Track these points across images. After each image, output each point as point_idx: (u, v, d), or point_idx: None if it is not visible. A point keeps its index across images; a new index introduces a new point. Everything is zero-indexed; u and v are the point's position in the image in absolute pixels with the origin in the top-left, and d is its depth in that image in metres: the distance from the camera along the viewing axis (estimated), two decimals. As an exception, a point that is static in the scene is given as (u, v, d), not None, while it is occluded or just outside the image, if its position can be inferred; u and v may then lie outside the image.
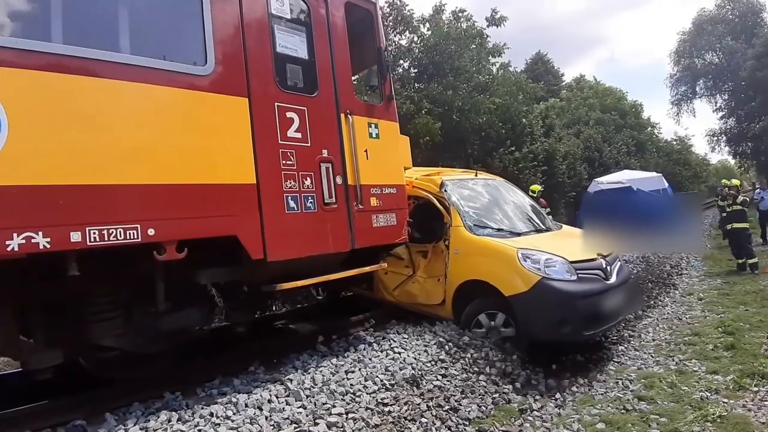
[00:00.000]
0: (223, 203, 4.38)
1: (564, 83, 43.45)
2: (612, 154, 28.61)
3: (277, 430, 3.77)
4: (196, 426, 3.74)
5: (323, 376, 4.71)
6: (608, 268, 6.07)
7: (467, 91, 21.43)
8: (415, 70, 23.01)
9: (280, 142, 4.83)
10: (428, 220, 6.63)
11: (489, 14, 21.83)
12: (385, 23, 21.89)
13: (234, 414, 3.95)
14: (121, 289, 4.45)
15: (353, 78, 6.12)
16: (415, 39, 22.22)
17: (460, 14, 21.81)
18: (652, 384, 5.45)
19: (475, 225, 6.23)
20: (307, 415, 3.99)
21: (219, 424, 3.75)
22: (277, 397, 4.26)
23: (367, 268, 5.52)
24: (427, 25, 21.66)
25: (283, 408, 4.08)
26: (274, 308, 8.19)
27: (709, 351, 6.38)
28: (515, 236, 6.26)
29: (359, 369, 4.90)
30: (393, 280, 6.80)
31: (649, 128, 42.05)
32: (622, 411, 4.89)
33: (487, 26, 21.75)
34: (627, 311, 6.41)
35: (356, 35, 5.84)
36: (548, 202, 17.49)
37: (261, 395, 4.25)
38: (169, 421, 3.83)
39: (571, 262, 5.76)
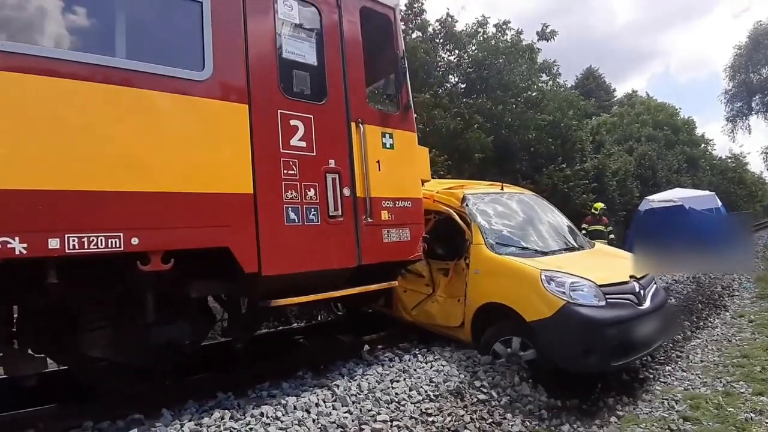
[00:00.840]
0: (215, 213, 4.05)
1: (615, 99, 41.67)
2: (665, 171, 27.03)
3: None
4: (247, 424, 3.80)
5: (369, 383, 4.70)
6: (641, 292, 5.36)
7: (517, 107, 20.82)
8: (464, 85, 22.59)
9: (281, 150, 4.48)
10: (450, 237, 6.12)
11: (540, 29, 21.16)
12: (436, 41, 21.64)
13: (283, 415, 4.00)
14: (108, 299, 4.19)
15: (370, 86, 5.75)
16: (463, 54, 21.82)
17: (503, 26, 21.22)
18: (698, 405, 5.15)
19: (497, 243, 5.65)
20: (353, 420, 4.02)
21: (269, 424, 3.82)
22: (324, 402, 4.29)
23: (373, 286, 5.06)
24: (473, 40, 21.22)
25: (330, 412, 4.12)
26: (294, 323, 7.90)
27: (756, 373, 5.95)
28: (542, 255, 5.64)
29: (404, 379, 4.88)
30: (412, 298, 6.30)
31: (703, 145, 39.67)
32: (667, 431, 4.69)
33: (538, 40, 21.07)
34: (661, 339, 5.66)
35: (374, 41, 5.45)
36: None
37: (309, 399, 4.28)
38: (222, 418, 3.87)
39: (600, 286, 5.09)
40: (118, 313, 4.25)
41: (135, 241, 3.66)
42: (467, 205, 5.92)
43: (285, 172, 4.48)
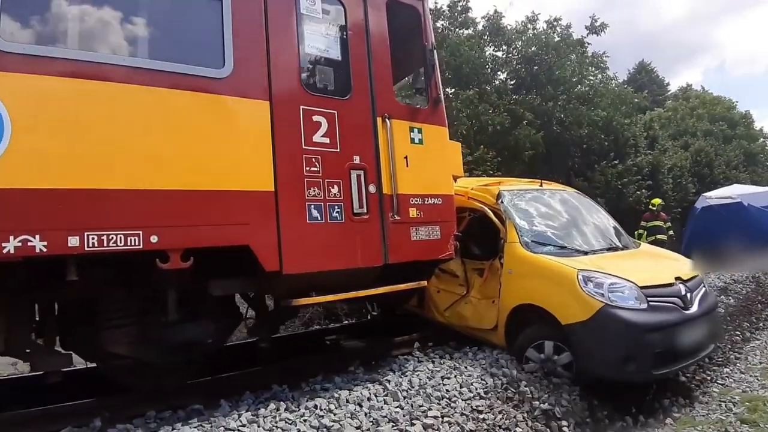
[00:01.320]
0: (234, 211, 3.94)
1: (669, 93, 39.63)
2: (722, 168, 25.44)
3: (376, 426, 3.83)
4: (301, 416, 3.85)
5: (420, 379, 4.68)
6: (688, 295, 4.91)
7: (568, 103, 20.11)
8: (513, 82, 22.02)
9: (304, 147, 4.33)
10: (485, 235, 5.82)
11: (589, 22, 20.32)
12: (483, 37, 21.12)
13: (336, 408, 4.02)
14: (132, 297, 4.16)
15: (399, 80, 5.53)
16: (511, 50, 21.24)
17: (554, 23, 20.45)
18: (756, 407, 4.94)
19: (533, 241, 5.29)
20: (404, 415, 4.01)
21: (322, 416, 3.85)
22: (376, 396, 4.29)
23: (401, 286, 4.83)
24: (523, 37, 20.62)
25: (381, 407, 4.11)
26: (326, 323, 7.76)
27: (817, 375, 5.54)
28: (581, 255, 5.24)
29: (455, 376, 4.79)
30: (445, 299, 6.02)
31: (762, 139, 37.14)
32: (723, 433, 4.50)
33: (587, 34, 20.24)
34: (710, 347, 5.18)
35: (402, 34, 5.23)
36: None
37: (361, 393, 4.30)
38: (278, 410, 3.92)
39: (642, 288, 4.69)
40: (141, 310, 4.22)
41: (154, 239, 3.60)
42: (502, 202, 5.60)
43: (307, 168, 4.32)
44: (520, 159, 20.34)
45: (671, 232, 15.65)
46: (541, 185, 6.30)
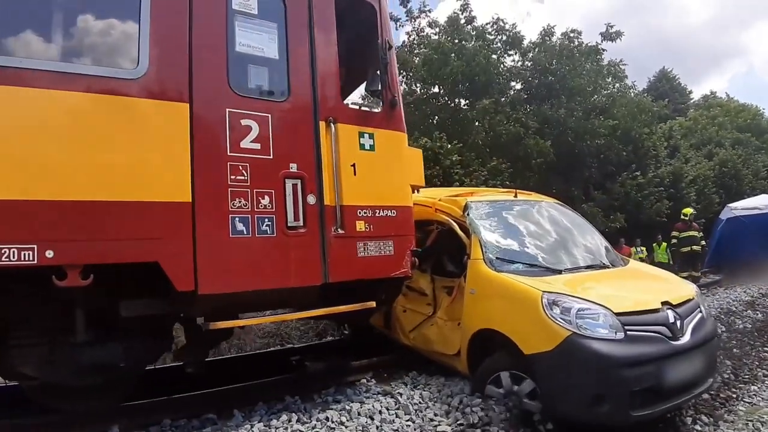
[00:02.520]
0: (143, 224, 3.39)
1: (691, 101, 37.50)
2: (749, 178, 23.67)
3: None
4: (313, 428, 3.77)
5: (431, 392, 4.57)
6: (678, 323, 4.05)
7: (583, 113, 19.10)
8: (526, 93, 21.15)
9: (229, 154, 3.74)
10: (457, 250, 5.10)
11: (604, 29, 19.27)
12: (493, 46, 20.28)
13: (347, 420, 3.93)
14: (38, 315, 3.63)
15: (358, 84, 4.90)
16: (526, 61, 20.37)
17: (571, 34, 19.46)
18: None
19: (498, 258, 4.53)
20: (414, 429, 3.93)
21: (334, 429, 3.77)
22: (388, 409, 4.18)
23: (342, 308, 4.16)
24: (537, 49, 19.75)
25: (393, 420, 4.03)
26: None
27: None
28: (554, 274, 4.45)
29: (466, 389, 4.53)
30: (411, 319, 5.29)
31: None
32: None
33: (602, 41, 19.19)
34: (706, 382, 4.30)
35: (356, 32, 4.62)
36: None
37: (373, 406, 4.20)
38: (290, 421, 3.85)
39: (619, 314, 3.87)
40: (50, 330, 3.69)
41: (50, 254, 3.12)
42: (468, 215, 4.88)
43: (232, 177, 3.73)
44: (533, 169, 19.44)
45: (703, 242, 14.51)
46: (515, 195, 5.51)
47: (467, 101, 20.95)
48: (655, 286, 4.62)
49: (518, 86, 21.39)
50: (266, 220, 3.83)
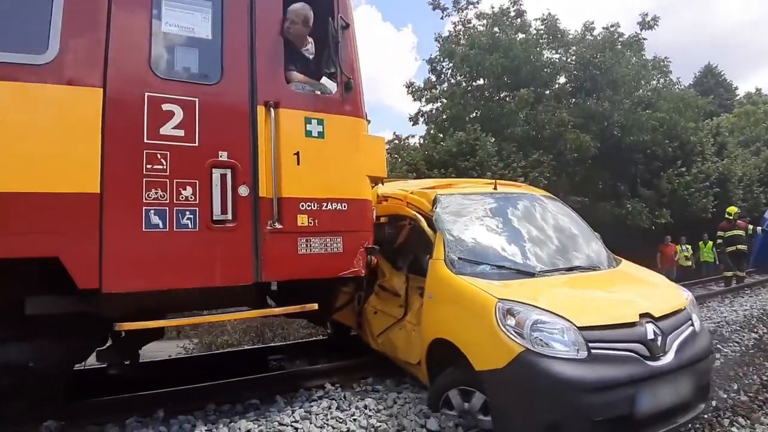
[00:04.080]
0: (43, 217, 2.97)
1: (737, 98, 33.85)
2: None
3: (422, 426, 3.56)
4: (351, 415, 3.72)
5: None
6: (659, 339, 3.20)
7: (628, 107, 17.58)
8: (571, 86, 19.75)
9: (146, 141, 3.25)
10: (429, 248, 4.42)
11: (640, 19, 17.68)
12: (540, 41, 19.02)
13: (384, 408, 3.86)
14: None
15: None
16: (569, 54, 19.03)
17: (612, 28, 17.95)
18: None
19: (460, 258, 3.79)
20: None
21: (371, 416, 3.70)
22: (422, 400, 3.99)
23: (277, 310, 3.64)
24: (580, 44, 18.40)
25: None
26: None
27: None
28: (526, 277, 3.72)
29: None
30: (381, 322, 4.61)
31: None
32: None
33: (641, 30, 17.54)
34: (696, 408, 3.41)
35: (314, 11, 4.04)
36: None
37: (409, 395, 4.10)
38: (329, 408, 3.83)
39: (583, 328, 3.08)
40: None
41: None
42: (436, 209, 4.19)
43: (149, 167, 3.24)
44: (577, 163, 18.11)
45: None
46: (495, 188, 4.71)
47: (510, 94, 19.88)
48: (637, 295, 3.72)
49: (563, 79, 20.06)
50: (187, 213, 3.33)
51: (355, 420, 3.61)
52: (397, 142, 23.06)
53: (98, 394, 3.92)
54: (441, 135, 18.20)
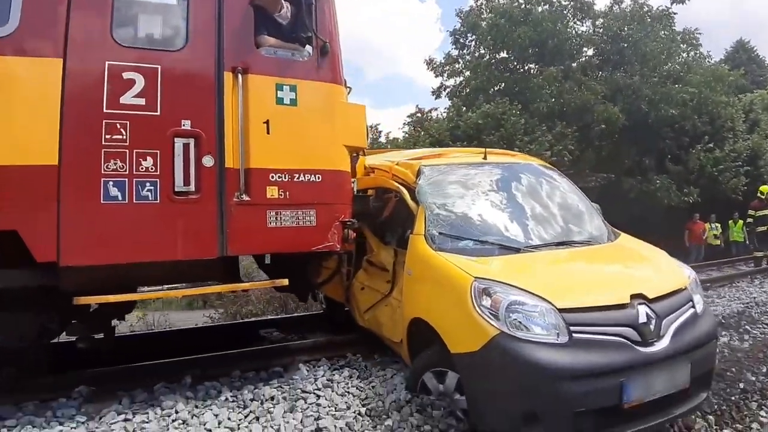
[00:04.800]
0: (0, 190, 2.83)
1: None
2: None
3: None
4: (370, 383, 3.71)
5: None
6: (652, 323, 2.81)
7: (657, 80, 16.55)
8: (598, 59, 18.70)
9: (105, 111, 3.05)
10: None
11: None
12: (565, 12, 18.05)
13: (402, 381, 3.67)
14: None
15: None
16: (597, 25, 18.00)
17: (641, 1, 16.82)
18: None
19: (441, 234, 3.44)
20: None
21: (396, 387, 3.56)
22: None
23: (246, 285, 3.43)
24: (608, 15, 17.37)
25: None
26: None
27: None
28: (511, 253, 3.34)
29: None
30: (368, 298, 4.32)
31: None
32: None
33: (672, 4, 16.35)
34: (697, 397, 3.01)
35: None
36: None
37: None
38: (350, 377, 3.80)
39: (564, 311, 2.72)
40: None
41: None
42: (419, 181, 3.84)
43: (108, 137, 3.04)
44: (603, 137, 17.25)
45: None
46: (485, 157, 4.26)
47: (536, 67, 19.00)
48: (631, 273, 3.29)
49: (590, 52, 19.02)
50: (148, 184, 3.11)
51: (373, 387, 3.60)
52: (419, 115, 22.53)
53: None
54: (465, 108, 17.63)
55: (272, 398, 3.34)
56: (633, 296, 2.86)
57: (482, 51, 19.47)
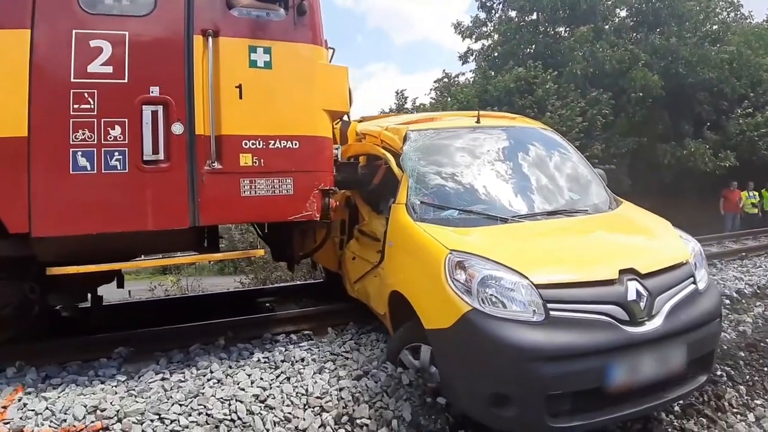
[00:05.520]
0: None
1: None
2: None
3: None
4: None
5: None
6: (642, 301, 2.49)
7: (694, 41, 15.27)
8: (632, 20, 17.40)
9: (73, 80, 2.91)
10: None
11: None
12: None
13: None
14: None
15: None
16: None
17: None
18: None
19: (422, 203, 3.17)
20: None
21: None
22: None
23: (218, 255, 3.28)
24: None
25: None
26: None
27: None
28: (495, 223, 3.00)
29: None
30: (358, 268, 4.08)
31: None
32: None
33: None
34: (696, 380, 2.70)
35: None
36: None
37: None
38: (377, 340, 3.80)
39: (541, 286, 2.45)
40: None
41: None
42: (404, 147, 3.55)
43: (76, 107, 2.90)
44: (636, 103, 16.17)
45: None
46: (478, 120, 3.86)
47: (567, 29, 17.87)
48: (625, 245, 2.94)
49: (623, 13, 17.69)
50: (116, 153, 2.96)
51: None
52: (446, 80, 21.72)
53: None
54: (493, 72, 16.88)
55: (302, 360, 3.35)
56: (622, 271, 2.54)
57: (511, 13, 18.44)
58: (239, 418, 2.64)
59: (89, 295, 3.52)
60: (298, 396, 2.86)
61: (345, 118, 4.05)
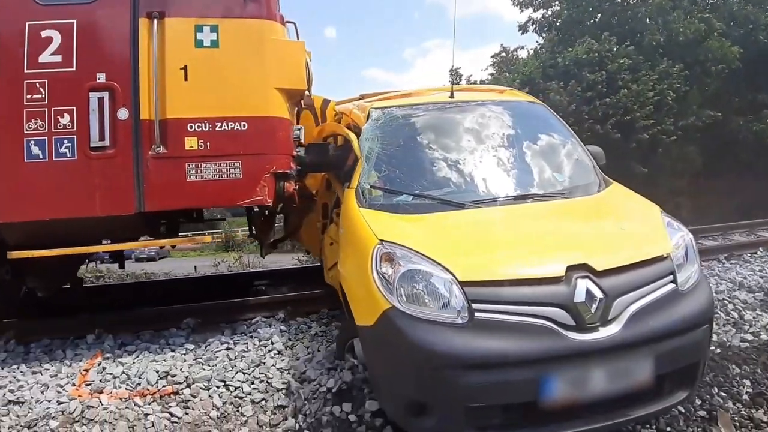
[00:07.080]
0: None
1: None
2: None
3: None
4: None
5: None
6: (597, 302, 1.97)
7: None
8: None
9: (26, 71, 2.89)
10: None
11: None
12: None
13: None
14: None
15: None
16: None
17: None
18: None
19: (372, 186, 2.78)
20: None
21: None
22: None
23: (163, 242, 3.11)
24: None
25: None
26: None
27: None
28: (451, 209, 2.57)
29: None
30: (334, 254, 3.80)
31: None
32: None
33: None
34: (669, 397, 2.13)
35: None
36: None
37: None
38: None
39: (467, 284, 2.02)
40: None
41: None
42: (363, 127, 3.16)
43: (29, 97, 2.88)
44: (711, 75, 14.28)
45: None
46: (451, 95, 3.33)
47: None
48: (586, 237, 2.36)
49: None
50: (65, 141, 2.90)
51: None
52: (504, 55, 20.43)
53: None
54: (559, 42, 15.72)
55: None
56: (572, 267, 2.03)
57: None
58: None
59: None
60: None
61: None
